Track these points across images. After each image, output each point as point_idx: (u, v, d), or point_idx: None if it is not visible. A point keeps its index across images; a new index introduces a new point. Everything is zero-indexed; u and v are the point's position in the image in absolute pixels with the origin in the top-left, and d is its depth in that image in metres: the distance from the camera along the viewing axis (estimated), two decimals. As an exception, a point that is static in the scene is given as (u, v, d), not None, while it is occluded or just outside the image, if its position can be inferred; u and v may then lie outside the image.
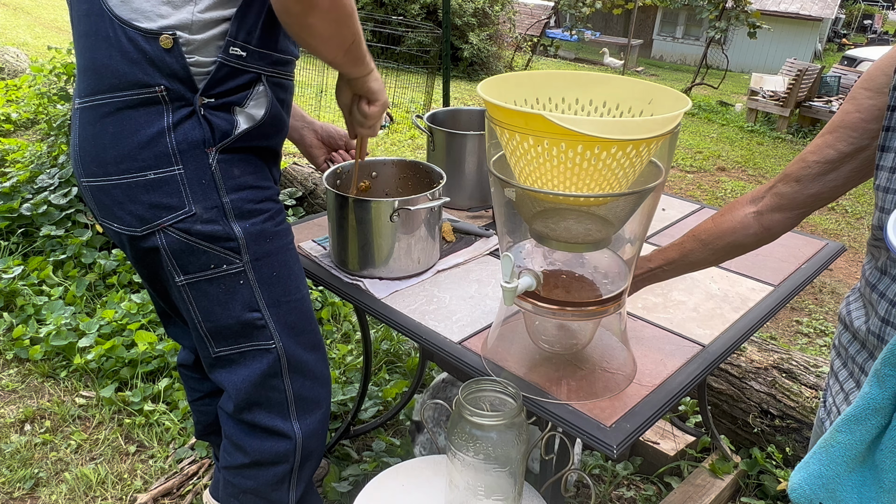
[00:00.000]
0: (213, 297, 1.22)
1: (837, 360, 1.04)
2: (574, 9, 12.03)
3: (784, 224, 1.07)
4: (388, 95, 1.45)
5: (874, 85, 0.93)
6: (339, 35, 1.13)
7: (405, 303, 1.38)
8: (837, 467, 0.86)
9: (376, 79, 1.31)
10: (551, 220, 1.02)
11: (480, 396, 1.08)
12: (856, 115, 0.96)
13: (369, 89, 1.31)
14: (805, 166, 1.02)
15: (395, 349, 2.63)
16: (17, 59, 6.52)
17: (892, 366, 0.79)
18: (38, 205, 3.17)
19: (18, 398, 2.32)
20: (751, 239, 1.10)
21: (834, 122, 0.99)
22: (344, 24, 1.11)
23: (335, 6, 1.07)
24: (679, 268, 1.19)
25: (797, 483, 0.89)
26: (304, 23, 1.07)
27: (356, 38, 1.16)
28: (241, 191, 1.19)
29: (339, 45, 1.16)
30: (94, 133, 1.14)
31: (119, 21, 1.07)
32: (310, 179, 3.71)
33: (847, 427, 0.84)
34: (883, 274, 0.93)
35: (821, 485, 0.87)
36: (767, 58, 17.32)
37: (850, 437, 0.84)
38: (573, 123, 0.84)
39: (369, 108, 1.33)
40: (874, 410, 0.82)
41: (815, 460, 0.88)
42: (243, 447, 1.35)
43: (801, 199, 1.04)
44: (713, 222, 1.13)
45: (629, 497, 2.00)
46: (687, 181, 5.93)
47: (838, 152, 0.98)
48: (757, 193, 1.09)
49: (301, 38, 1.12)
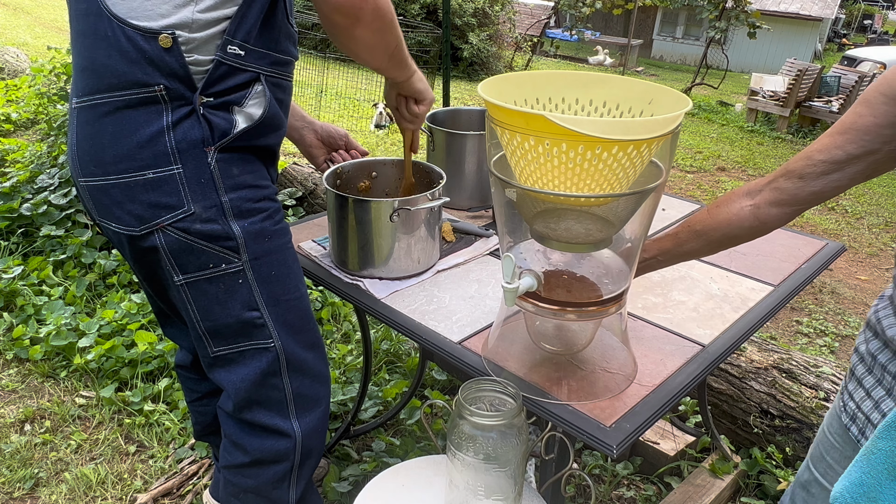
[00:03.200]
0: (212, 296, 1.22)
1: (861, 365, 1.03)
2: (574, 9, 12.02)
3: (780, 219, 1.07)
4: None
5: (893, 92, 0.92)
6: (384, 42, 1.21)
7: (405, 303, 1.38)
8: (879, 475, 0.85)
9: (420, 79, 1.40)
10: (552, 220, 1.02)
11: (480, 396, 1.08)
12: (870, 118, 0.95)
13: (416, 90, 1.40)
14: (810, 164, 1.01)
15: (395, 349, 2.63)
16: (17, 59, 6.52)
17: None
18: (38, 205, 3.17)
19: (18, 398, 2.32)
20: (746, 231, 1.10)
21: (845, 124, 0.98)
22: (388, 32, 1.19)
23: (378, 16, 1.14)
24: (673, 257, 1.20)
25: (839, 492, 0.88)
26: (350, 34, 1.14)
27: (399, 42, 1.24)
28: (240, 190, 1.19)
29: (384, 52, 1.23)
30: (92, 133, 1.14)
31: (118, 20, 1.07)
32: (310, 179, 3.71)
33: (888, 434, 0.83)
34: None
35: (862, 493, 0.86)
36: (767, 58, 17.32)
37: (891, 443, 0.83)
38: (574, 124, 0.84)
39: (419, 106, 1.43)
40: None
41: (856, 469, 0.87)
42: (243, 446, 1.35)
43: (802, 195, 1.03)
44: (708, 214, 1.13)
45: (629, 497, 2.00)
46: (687, 181, 5.93)
47: (846, 154, 0.98)
48: (754, 187, 1.09)
49: (348, 48, 1.19)
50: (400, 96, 1.43)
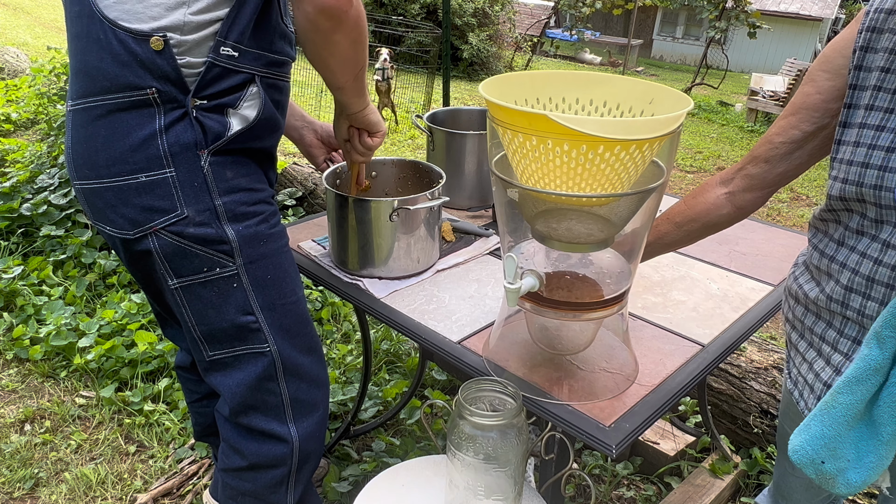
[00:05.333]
0: (207, 300, 1.22)
1: (794, 333, 1.12)
2: (574, 9, 12.03)
3: (755, 202, 1.14)
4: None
5: (832, 67, 1.01)
6: (355, 57, 1.20)
7: (405, 302, 1.38)
8: (839, 427, 0.91)
9: (374, 111, 1.37)
10: (553, 220, 1.02)
11: (480, 396, 1.08)
12: (816, 96, 1.02)
13: (370, 122, 1.37)
14: (772, 147, 1.09)
15: (395, 349, 2.63)
16: (17, 59, 6.52)
17: (893, 328, 0.85)
18: (38, 205, 3.17)
19: (18, 398, 2.32)
20: (724, 219, 1.17)
21: (795, 104, 1.06)
22: (361, 46, 1.18)
23: (358, 25, 1.14)
24: (655, 249, 1.26)
25: (798, 445, 0.95)
26: (330, 39, 1.13)
27: (365, 65, 1.24)
28: (234, 193, 1.18)
29: (354, 68, 1.22)
30: (86, 136, 1.13)
31: (109, 23, 1.06)
32: (310, 179, 3.71)
33: (848, 388, 0.89)
34: (840, 245, 1.01)
35: (823, 444, 0.92)
36: (767, 58, 17.33)
37: (851, 397, 0.89)
38: (577, 123, 0.84)
39: (372, 139, 1.40)
40: (874, 370, 0.87)
41: (815, 422, 0.93)
42: (240, 450, 1.35)
43: (770, 178, 1.11)
44: (686, 205, 1.20)
45: (629, 497, 2.00)
46: (687, 181, 5.93)
47: (802, 132, 1.05)
48: (726, 175, 1.16)
49: (322, 56, 1.17)
50: (352, 128, 1.39)
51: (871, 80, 0.94)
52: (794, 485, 1.32)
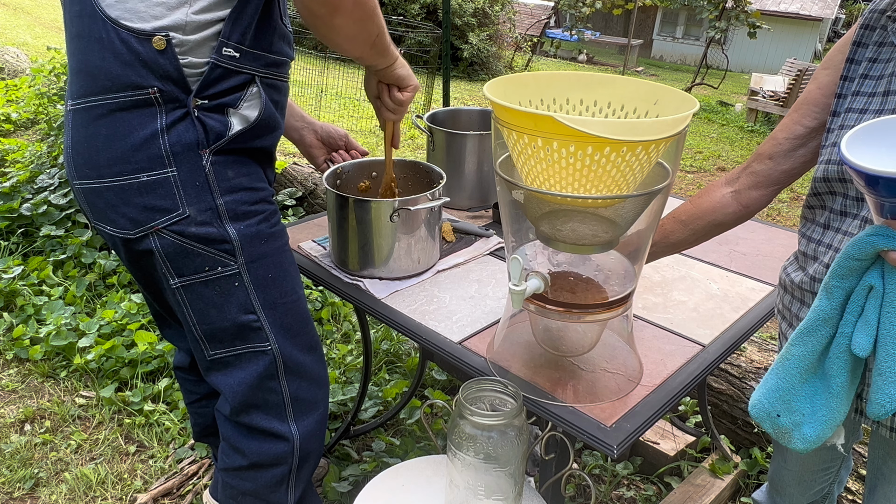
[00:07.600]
0: (208, 299, 1.22)
1: (783, 322, 1.15)
2: (574, 9, 12.02)
3: (760, 201, 1.16)
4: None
5: (831, 63, 1.05)
6: (365, 32, 1.17)
7: (405, 303, 1.38)
8: (792, 379, 0.94)
9: (403, 65, 1.33)
10: (558, 221, 1.01)
11: (481, 396, 1.08)
12: (816, 91, 1.06)
13: (398, 76, 1.33)
14: (776, 144, 1.11)
15: (395, 349, 2.63)
16: (17, 59, 6.52)
17: (839, 278, 0.87)
18: (38, 205, 3.17)
19: (18, 398, 2.32)
20: (730, 217, 1.18)
21: (798, 101, 1.09)
22: (369, 21, 1.15)
23: (358, 5, 1.10)
24: (662, 249, 1.26)
25: (757, 399, 0.98)
26: (330, 24, 1.11)
27: (381, 30, 1.20)
28: (236, 192, 1.19)
29: (365, 41, 1.19)
30: (86, 135, 1.13)
31: (112, 22, 1.06)
32: (310, 179, 3.71)
33: (800, 340, 0.92)
34: (826, 229, 1.04)
35: (778, 397, 0.95)
36: (767, 58, 17.32)
37: (803, 348, 0.92)
38: (583, 125, 0.84)
39: (402, 94, 1.36)
40: (823, 321, 0.90)
41: (771, 376, 0.96)
42: (241, 449, 1.35)
43: (775, 175, 1.13)
44: (692, 204, 1.21)
45: (629, 497, 2.00)
46: (687, 181, 5.93)
47: (805, 128, 1.08)
48: (732, 175, 1.18)
49: (328, 38, 1.15)
50: (381, 84, 1.36)
51: (859, 70, 0.99)
52: (787, 478, 1.33)
